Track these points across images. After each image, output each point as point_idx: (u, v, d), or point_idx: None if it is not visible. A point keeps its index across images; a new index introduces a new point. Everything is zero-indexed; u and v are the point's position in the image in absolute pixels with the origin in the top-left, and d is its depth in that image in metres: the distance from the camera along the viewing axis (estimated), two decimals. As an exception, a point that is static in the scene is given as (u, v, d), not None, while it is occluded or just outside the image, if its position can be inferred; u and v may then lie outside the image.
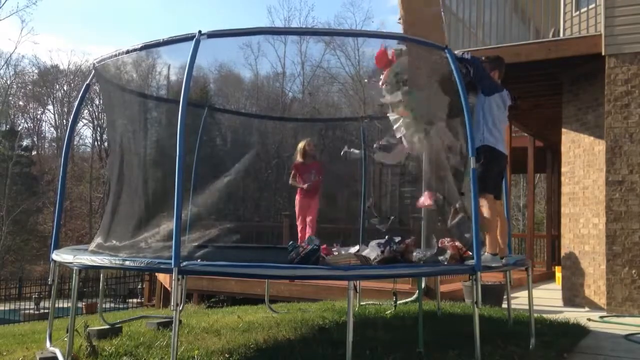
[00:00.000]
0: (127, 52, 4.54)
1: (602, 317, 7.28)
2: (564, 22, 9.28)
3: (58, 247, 5.14)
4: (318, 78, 37.51)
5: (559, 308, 8.40)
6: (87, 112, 41.81)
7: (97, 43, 63.61)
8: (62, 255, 4.69)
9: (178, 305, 3.75)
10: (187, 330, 5.47)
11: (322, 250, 4.34)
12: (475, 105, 5.01)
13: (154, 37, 4.52)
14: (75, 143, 41.93)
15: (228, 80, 37.72)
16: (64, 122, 42.19)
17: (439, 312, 6.70)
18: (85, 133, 45.05)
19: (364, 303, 7.23)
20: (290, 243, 5.20)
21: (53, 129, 45.65)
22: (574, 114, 9.03)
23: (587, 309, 8.22)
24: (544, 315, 6.55)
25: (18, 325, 10.82)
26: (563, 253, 9.13)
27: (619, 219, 7.81)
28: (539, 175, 22.87)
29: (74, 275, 4.59)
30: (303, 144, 7.76)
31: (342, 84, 37.21)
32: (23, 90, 44.99)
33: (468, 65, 4.88)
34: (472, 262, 4.30)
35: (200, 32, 4.01)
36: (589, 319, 6.89)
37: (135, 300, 19.12)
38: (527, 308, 5.52)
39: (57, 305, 6.90)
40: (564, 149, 9.20)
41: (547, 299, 9.18)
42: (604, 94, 8.03)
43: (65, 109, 43.39)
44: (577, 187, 8.85)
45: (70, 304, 4.51)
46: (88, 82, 5.36)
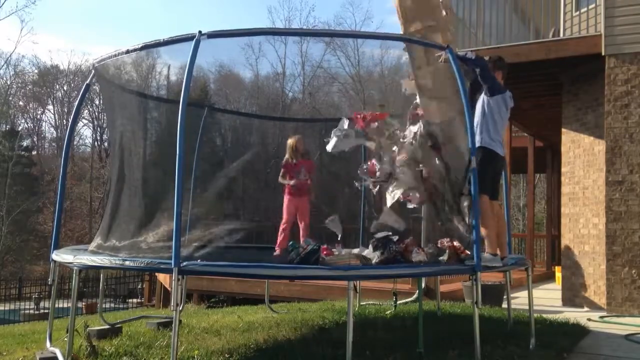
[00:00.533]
0: (127, 52, 4.54)
1: (602, 317, 7.28)
2: (564, 22, 9.28)
3: (58, 247, 5.14)
4: (318, 78, 37.50)
5: (559, 308, 8.40)
6: (87, 112, 41.88)
7: (97, 43, 63.67)
8: (62, 255, 4.69)
9: (178, 305, 3.75)
10: (187, 330, 5.48)
11: (322, 251, 4.34)
12: (477, 106, 5.01)
13: (154, 37, 4.53)
14: (75, 143, 41.96)
15: (228, 81, 37.71)
16: (64, 122, 42.20)
17: (439, 312, 6.70)
18: (85, 133, 45.12)
19: (364, 303, 7.23)
20: (291, 243, 5.19)
21: (53, 129, 45.71)
22: (574, 114, 9.03)
23: (587, 309, 8.22)
24: (544, 315, 6.56)
25: (18, 325, 10.81)
26: (562, 250, 9.12)
27: (619, 219, 7.81)
28: (539, 175, 22.87)
29: (74, 275, 4.59)
30: (293, 141, 7.26)
31: (342, 84, 37.21)
32: (23, 90, 44.98)
33: (473, 65, 4.86)
34: (472, 262, 4.30)
35: (201, 32, 4.01)
36: (589, 319, 6.89)
37: (135, 300, 19.11)
38: (527, 308, 5.52)
39: (57, 305, 6.89)
40: (564, 149, 9.20)
41: (547, 299, 9.18)
42: (604, 94, 8.03)
43: (65, 109, 43.40)
44: (577, 187, 8.85)
45: (70, 304, 4.51)
46: (88, 82, 5.36)
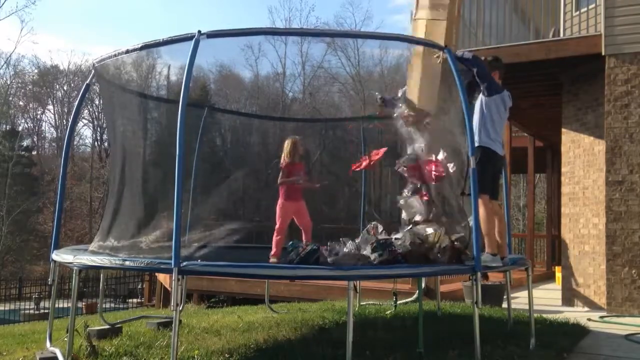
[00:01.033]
0: (127, 52, 4.53)
1: (602, 317, 7.28)
2: (564, 22, 9.28)
3: (58, 247, 5.14)
4: (319, 78, 37.51)
5: (559, 308, 8.40)
6: (87, 112, 41.89)
7: (97, 43, 63.67)
8: (62, 255, 4.69)
9: (178, 306, 3.75)
10: (187, 330, 5.47)
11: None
12: (475, 106, 5.01)
13: (154, 37, 4.52)
14: (75, 143, 41.96)
15: (228, 81, 37.72)
16: (64, 122, 42.20)
17: (439, 312, 6.70)
18: (85, 133, 45.13)
19: (364, 303, 7.23)
20: (290, 243, 5.17)
21: (53, 129, 45.71)
22: (574, 114, 9.03)
23: (587, 309, 8.22)
24: (544, 315, 6.56)
25: (18, 325, 10.80)
26: (563, 253, 9.13)
27: (619, 219, 7.81)
28: (539, 175, 22.86)
29: (74, 275, 4.58)
30: (293, 142, 6.86)
31: (342, 84, 37.21)
32: (23, 90, 44.99)
33: (470, 65, 4.87)
34: (472, 262, 4.29)
35: (200, 32, 4.01)
36: (589, 319, 6.89)
37: (135, 300, 19.10)
38: (527, 308, 5.52)
39: (57, 305, 6.88)
40: (564, 149, 9.20)
41: (547, 299, 9.18)
42: (604, 94, 8.03)
43: (65, 109, 43.40)
44: (577, 187, 8.85)
45: (70, 304, 4.51)
46: (88, 82, 5.36)
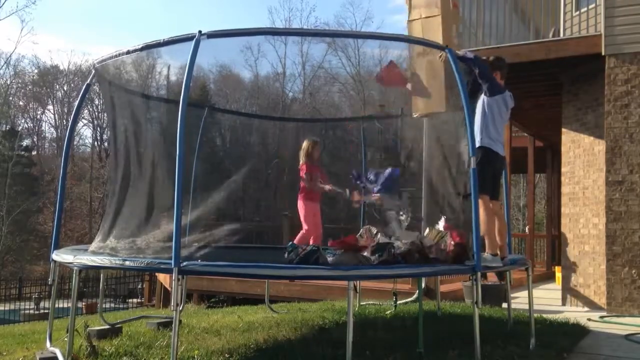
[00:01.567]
0: (127, 52, 4.53)
1: (602, 317, 7.28)
2: (564, 22, 9.28)
3: (58, 247, 5.14)
4: (319, 78, 37.52)
5: (559, 308, 8.40)
6: (87, 112, 41.94)
7: (97, 43, 63.69)
8: (62, 255, 4.69)
9: (178, 306, 3.75)
10: (187, 330, 5.47)
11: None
12: (477, 106, 5.01)
13: (154, 37, 4.52)
14: (75, 143, 42.00)
15: (228, 81, 37.73)
16: (64, 122, 42.23)
17: (439, 312, 6.69)
18: (85, 133, 45.17)
19: (364, 303, 7.23)
20: (290, 244, 5.17)
21: (53, 129, 45.75)
22: (574, 114, 9.03)
23: (587, 309, 8.22)
24: (544, 315, 6.55)
25: (18, 325, 10.80)
26: (563, 252, 9.13)
27: (619, 219, 7.81)
28: (539, 175, 22.86)
29: (74, 276, 4.58)
30: (312, 144, 7.22)
31: (342, 84, 37.22)
32: (23, 91, 45.01)
33: (472, 65, 4.87)
34: (472, 262, 4.29)
35: (201, 32, 4.00)
36: (589, 319, 6.89)
37: (135, 300, 19.10)
38: (527, 308, 5.52)
39: (57, 305, 6.89)
40: (564, 149, 9.20)
41: (547, 299, 9.18)
42: (604, 94, 8.03)
43: (65, 109, 43.44)
44: (577, 187, 8.85)
45: (70, 304, 4.51)
46: (88, 82, 5.35)
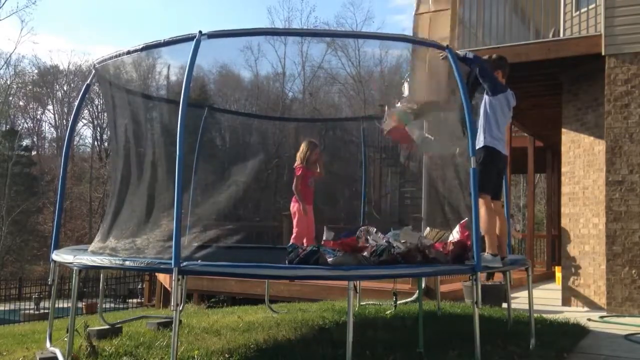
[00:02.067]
0: (127, 52, 4.53)
1: (602, 317, 7.28)
2: (564, 22, 9.28)
3: (58, 247, 5.14)
4: (318, 79, 37.52)
5: (559, 308, 8.40)
6: (87, 112, 41.94)
7: (97, 43, 63.71)
8: (62, 255, 4.69)
9: (178, 306, 3.75)
10: (187, 331, 5.47)
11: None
12: (479, 105, 5.00)
13: (154, 37, 4.52)
14: (75, 143, 41.99)
15: (228, 81, 37.73)
16: (64, 122, 42.26)
17: (439, 312, 6.70)
18: (85, 133, 45.18)
19: (364, 303, 7.23)
20: (290, 244, 5.18)
21: (53, 129, 45.77)
22: (574, 114, 9.03)
23: (587, 309, 8.22)
24: (544, 315, 6.55)
25: (18, 325, 10.81)
26: (563, 252, 9.13)
27: (619, 219, 7.81)
28: (539, 175, 22.87)
29: (74, 276, 4.58)
30: (308, 145, 7.13)
31: (342, 84, 37.22)
32: (23, 91, 45.01)
33: (472, 65, 4.87)
34: (472, 262, 4.29)
35: (201, 32, 4.00)
36: (589, 319, 6.89)
37: (135, 301, 19.10)
38: (527, 308, 5.52)
39: (57, 305, 6.88)
40: (564, 149, 9.20)
41: (547, 299, 9.18)
42: (604, 94, 8.03)
43: (65, 109, 43.46)
44: (577, 187, 8.85)
45: (70, 304, 4.50)
46: (88, 82, 5.35)
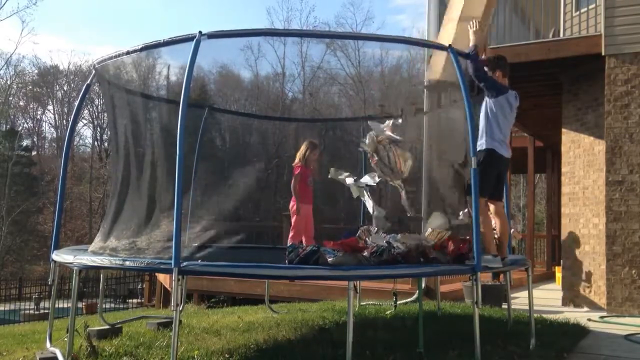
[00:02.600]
0: (127, 52, 4.53)
1: (602, 317, 7.28)
2: (564, 22, 9.28)
3: (58, 247, 5.14)
4: (318, 79, 37.52)
5: (559, 308, 8.40)
6: (87, 112, 41.94)
7: (97, 43, 63.71)
8: (62, 256, 4.69)
9: (178, 306, 3.75)
10: (187, 331, 5.47)
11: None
12: (480, 107, 4.97)
13: (154, 37, 4.52)
14: (75, 143, 42.00)
15: (228, 81, 37.72)
16: (64, 122, 42.26)
17: (439, 312, 6.70)
18: (85, 133, 45.16)
19: (364, 303, 7.23)
20: (290, 244, 5.19)
21: (53, 129, 45.75)
22: (574, 114, 9.03)
23: (587, 309, 8.22)
24: (544, 315, 6.55)
25: (18, 326, 10.81)
26: (563, 253, 9.13)
27: (619, 219, 7.81)
28: (539, 175, 22.87)
29: (74, 276, 4.58)
30: (308, 145, 7.17)
31: (342, 85, 37.22)
32: (23, 91, 45.00)
33: (467, 58, 4.82)
34: (472, 262, 4.29)
35: (201, 32, 4.00)
36: (589, 319, 6.89)
37: (135, 301, 19.10)
38: (527, 308, 5.52)
39: (57, 306, 6.88)
40: (564, 149, 9.19)
41: (547, 299, 9.18)
42: (604, 94, 8.03)
43: (65, 109, 43.47)
44: (577, 187, 8.85)
45: (70, 304, 4.50)
46: (88, 82, 5.36)
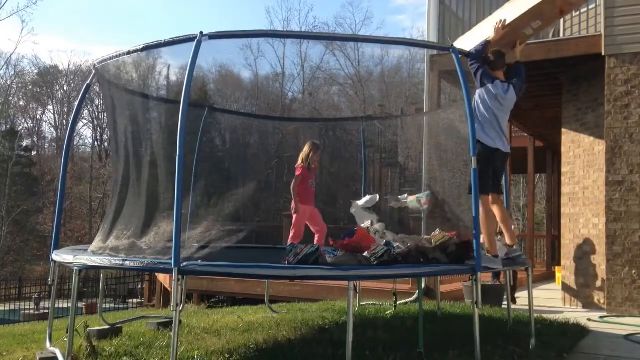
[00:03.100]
0: (128, 52, 4.53)
1: (602, 317, 7.28)
2: (564, 22, 9.28)
3: (58, 247, 5.14)
4: (318, 79, 37.54)
5: (559, 308, 8.40)
6: (87, 112, 41.91)
7: (97, 43, 63.71)
8: (62, 256, 4.69)
9: (178, 306, 3.75)
10: (187, 331, 5.47)
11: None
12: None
13: (155, 37, 4.53)
14: (75, 143, 41.97)
15: (228, 81, 37.73)
16: (64, 122, 42.24)
17: (439, 312, 6.69)
18: (85, 133, 45.14)
19: (364, 303, 7.23)
20: (290, 244, 5.18)
21: (53, 129, 45.72)
22: (574, 114, 9.03)
23: (587, 309, 8.22)
24: (544, 316, 6.55)
25: (18, 326, 10.80)
26: (563, 253, 9.13)
27: (619, 219, 7.81)
28: (539, 175, 22.87)
29: (74, 276, 4.58)
30: (311, 147, 7.20)
31: (341, 85, 37.24)
32: (23, 91, 45.01)
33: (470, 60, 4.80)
34: (472, 262, 4.29)
35: (202, 33, 4.00)
36: (589, 319, 6.89)
37: (135, 301, 19.12)
38: (527, 308, 5.52)
39: (57, 306, 6.89)
40: (564, 149, 9.19)
41: (547, 299, 9.18)
42: (604, 94, 8.03)
43: (65, 109, 43.45)
44: (577, 187, 8.85)
45: (70, 304, 4.50)
46: (88, 82, 5.36)
